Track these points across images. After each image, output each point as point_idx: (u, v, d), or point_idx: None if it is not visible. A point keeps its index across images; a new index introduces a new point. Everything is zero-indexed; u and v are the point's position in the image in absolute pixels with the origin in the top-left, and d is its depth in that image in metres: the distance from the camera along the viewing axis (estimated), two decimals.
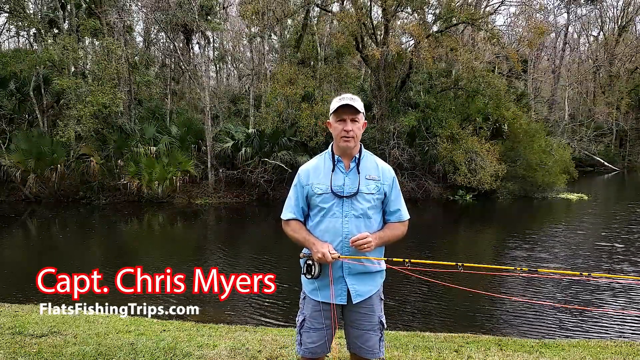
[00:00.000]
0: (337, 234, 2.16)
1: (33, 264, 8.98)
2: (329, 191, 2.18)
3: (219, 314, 6.05)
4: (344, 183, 2.18)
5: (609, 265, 8.16)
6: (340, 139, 2.17)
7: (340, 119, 2.17)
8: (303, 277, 2.26)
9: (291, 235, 2.28)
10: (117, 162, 16.06)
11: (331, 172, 2.20)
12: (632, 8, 32.72)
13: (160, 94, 21.19)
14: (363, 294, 2.21)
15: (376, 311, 2.25)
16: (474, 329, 5.39)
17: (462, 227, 13.93)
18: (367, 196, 2.18)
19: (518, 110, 17.88)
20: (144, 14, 21.51)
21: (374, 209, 2.21)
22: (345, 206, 2.16)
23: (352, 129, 2.15)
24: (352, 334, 2.26)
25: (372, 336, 2.23)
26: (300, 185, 2.26)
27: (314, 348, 2.22)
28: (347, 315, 2.26)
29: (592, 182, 24.91)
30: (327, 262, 2.09)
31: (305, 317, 2.25)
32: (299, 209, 2.28)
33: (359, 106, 2.15)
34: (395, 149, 17.04)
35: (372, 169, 2.24)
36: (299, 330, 2.27)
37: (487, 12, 19.11)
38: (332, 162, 2.23)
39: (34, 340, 3.82)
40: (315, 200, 2.21)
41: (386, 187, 2.23)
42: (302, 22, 19.58)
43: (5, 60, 17.19)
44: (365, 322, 2.23)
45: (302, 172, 2.28)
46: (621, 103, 31.04)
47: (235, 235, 11.91)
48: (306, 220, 2.31)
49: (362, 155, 2.25)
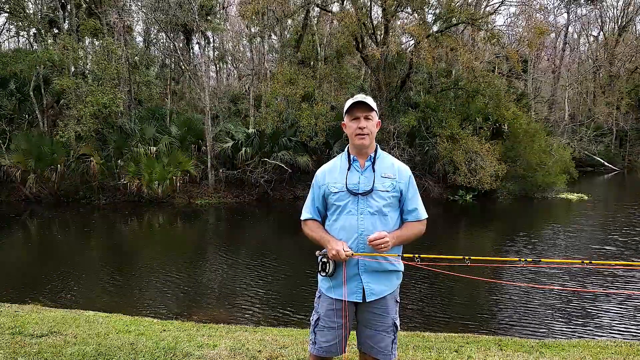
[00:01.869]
0: (353, 230, 2.18)
1: (33, 264, 8.99)
2: (344, 189, 2.21)
3: (219, 314, 6.06)
4: (359, 181, 2.21)
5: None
6: (355, 137, 2.20)
7: (354, 118, 2.20)
8: (319, 276, 2.28)
9: (308, 234, 2.32)
10: (117, 162, 16.06)
11: (347, 171, 2.24)
12: (632, 8, 32.70)
13: (160, 94, 21.19)
14: (377, 293, 2.21)
15: (390, 312, 2.24)
16: (474, 329, 5.39)
17: (462, 227, 13.93)
18: (383, 194, 2.20)
19: (518, 110, 17.85)
20: (144, 14, 21.52)
21: (390, 207, 2.22)
22: (361, 203, 2.19)
23: (366, 126, 2.18)
24: (364, 333, 2.26)
25: (385, 337, 2.23)
26: (317, 185, 2.32)
27: (328, 347, 2.23)
28: (360, 315, 2.27)
29: (592, 182, 24.91)
30: (341, 259, 2.11)
31: (320, 316, 2.26)
32: (315, 209, 2.33)
33: (371, 103, 2.19)
34: (395, 149, 17.03)
35: (388, 167, 2.26)
36: (313, 329, 2.28)
37: (487, 12, 19.08)
38: (347, 161, 2.27)
39: (34, 340, 3.81)
40: (332, 199, 2.25)
41: (402, 186, 2.25)
42: (302, 22, 19.57)
43: (5, 60, 17.19)
44: (379, 323, 2.23)
45: (319, 173, 2.34)
46: (621, 103, 31.01)
47: (235, 236, 11.91)
48: (324, 221, 2.36)
49: (377, 154, 2.27)
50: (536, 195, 17.27)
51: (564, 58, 33.38)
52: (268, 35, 21.80)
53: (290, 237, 11.35)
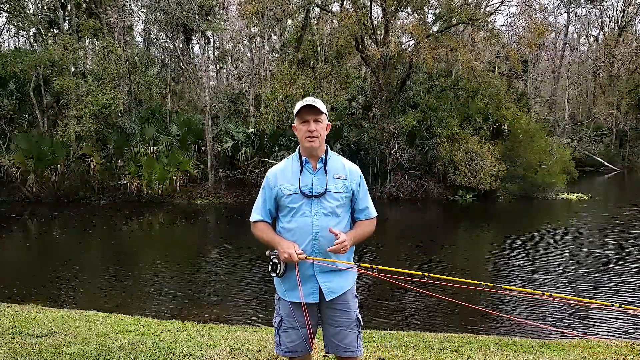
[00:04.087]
0: (307, 232, 2.19)
1: (33, 264, 8.99)
2: (297, 192, 2.22)
3: (219, 314, 6.06)
4: (312, 183, 2.23)
5: (609, 264, 8.17)
6: (305, 140, 2.21)
7: (304, 121, 2.21)
8: (274, 278, 2.28)
9: (258, 235, 2.32)
10: (117, 162, 16.07)
11: (299, 173, 2.25)
12: (632, 8, 32.71)
13: (160, 94, 21.18)
14: (336, 291, 2.23)
15: (352, 308, 2.27)
16: (474, 329, 5.39)
17: (462, 227, 13.92)
18: (336, 195, 2.22)
19: (518, 111, 17.86)
20: (144, 14, 21.52)
21: (342, 207, 2.25)
22: (315, 205, 2.20)
23: (315, 129, 2.19)
24: (329, 332, 2.27)
25: (350, 333, 2.24)
26: (268, 187, 2.30)
27: (293, 347, 2.23)
28: (324, 314, 2.28)
29: (592, 182, 24.91)
30: (294, 262, 2.12)
31: (282, 317, 2.26)
32: (267, 211, 2.32)
33: (320, 106, 2.20)
34: (395, 149, 17.04)
35: (339, 168, 2.28)
36: (277, 331, 2.28)
37: (487, 12, 19.08)
38: (299, 163, 2.27)
39: (34, 340, 3.81)
40: (285, 201, 2.24)
41: (354, 186, 2.28)
42: (302, 22, 19.57)
43: (5, 60, 17.21)
44: (343, 319, 2.24)
45: (270, 175, 2.32)
46: (621, 103, 31.01)
47: (235, 235, 11.91)
48: (275, 222, 2.36)
49: (328, 155, 2.29)
50: (536, 195, 17.27)
51: (564, 58, 33.39)
52: (268, 35, 21.80)
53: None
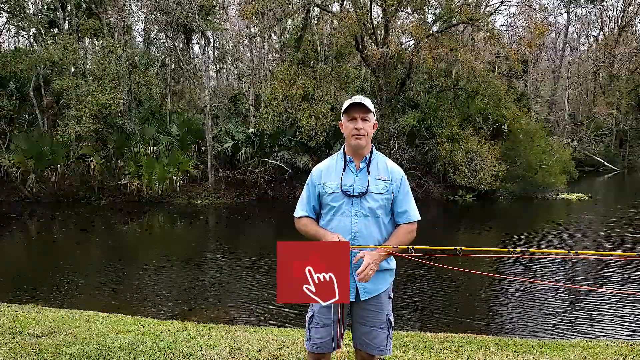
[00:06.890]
0: (346, 232, 2.21)
1: (33, 264, 8.99)
2: (339, 190, 2.24)
3: (219, 314, 6.06)
4: (353, 183, 2.24)
5: (609, 264, 8.17)
6: (352, 137, 2.23)
7: (352, 118, 2.23)
8: None
9: (302, 230, 2.36)
10: (117, 162, 16.06)
11: (342, 172, 2.27)
12: (632, 8, 32.69)
13: (160, 94, 21.18)
14: (371, 292, 2.24)
15: (385, 309, 2.28)
16: (474, 329, 5.39)
17: (462, 227, 13.92)
18: (376, 196, 2.23)
19: (518, 111, 17.86)
20: (144, 14, 21.51)
21: (383, 209, 2.25)
22: (355, 205, 2.22)
23: (362, 127, 2.21)
24: (359, 330, 2.28)
25: (380, 333, 2.25)
26: (312, 184, 2.34)
27: (322, 343, 2.24)
28: (355, 312, 2.29)
29: (592, 182, 24.90)
30: None
31: (314, 313, 2.28)
32: (310, 207, 2.36)
33: (369, 105, 2.22)
34: (395, 149, 17.04)
35: (382, 169, 2.29)
36: (308, 326, 2.31)
37: (487, 12, 19.09)
38: (343, 162, 2.29)
39: (34, 340, 3.81)
40: (327, 199, 2.28)
41: (394, 187, 2.27)
42: (302, 22, 19.57)
43: (5, 60, 17.18)
44: (374, 319, 2.25)
45: (315, 172, 2.36)
46: (621, 103, 31.01)
47: (235, 235, 11.91)
48: (318, 219, 2.38)
49: (372, 156, 2.30)
50: (536, 196, 17.28)
51: (564, 58, 33.40)
52: (268, 35, 21.80)
53: (291, 237, 11.32)
